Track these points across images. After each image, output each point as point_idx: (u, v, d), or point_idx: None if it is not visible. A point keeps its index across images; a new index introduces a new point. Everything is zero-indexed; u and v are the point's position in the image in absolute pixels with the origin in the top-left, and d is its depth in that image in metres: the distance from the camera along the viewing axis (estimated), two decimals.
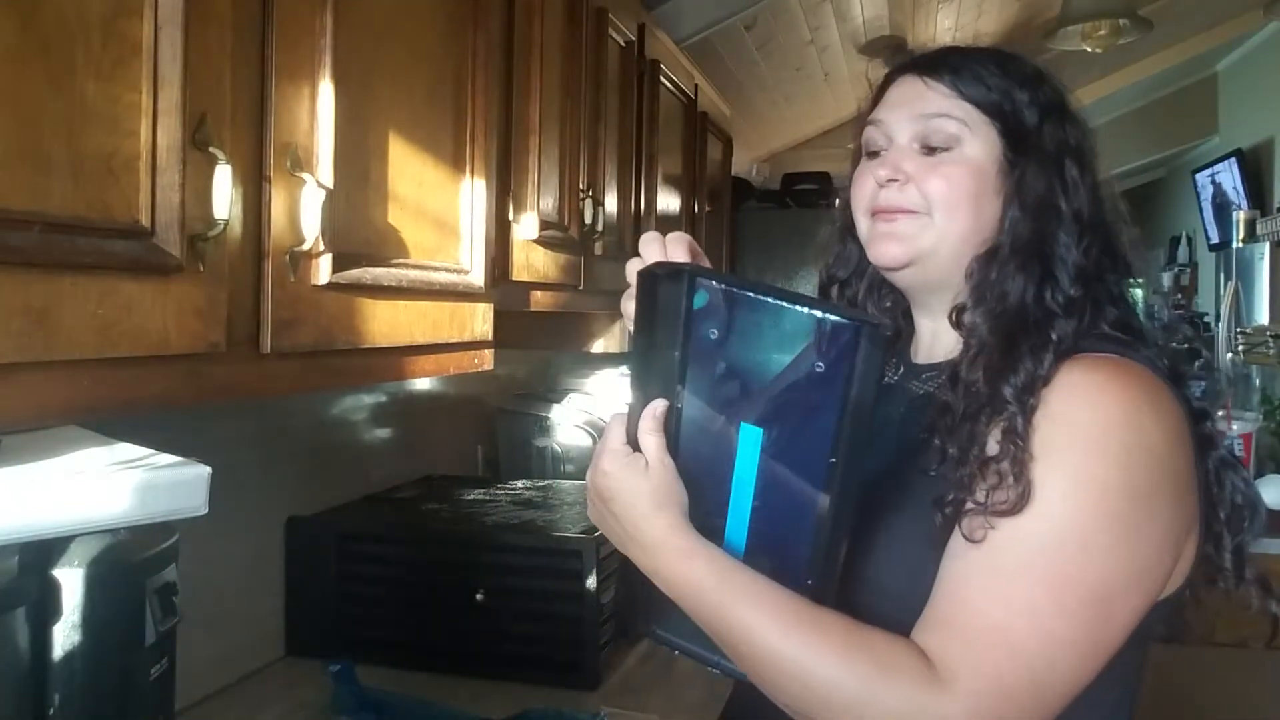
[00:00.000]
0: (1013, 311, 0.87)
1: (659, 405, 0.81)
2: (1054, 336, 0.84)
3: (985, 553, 0.78)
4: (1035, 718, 0.77)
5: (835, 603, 0.80)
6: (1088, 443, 0.79)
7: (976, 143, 0.91)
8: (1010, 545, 0.78)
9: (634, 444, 0.82)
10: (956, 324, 0.91)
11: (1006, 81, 0.92)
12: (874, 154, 0.96)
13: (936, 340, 0.98)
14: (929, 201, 0.91)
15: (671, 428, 0.81)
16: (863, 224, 0.97)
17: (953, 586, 0.80)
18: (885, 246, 0.93)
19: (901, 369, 1.01)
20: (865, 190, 0.95)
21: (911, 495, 0.86)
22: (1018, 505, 0.78)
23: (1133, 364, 0.83)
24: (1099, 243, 0.90)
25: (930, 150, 0.92)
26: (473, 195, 1.30)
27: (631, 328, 0.86)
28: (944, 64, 0.94)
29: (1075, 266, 0.87)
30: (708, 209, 2.87)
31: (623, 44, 2.04)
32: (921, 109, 0.93)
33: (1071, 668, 0.77)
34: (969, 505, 0.79)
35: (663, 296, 0.78)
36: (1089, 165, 0.92)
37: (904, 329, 1.04)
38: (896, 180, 0.92)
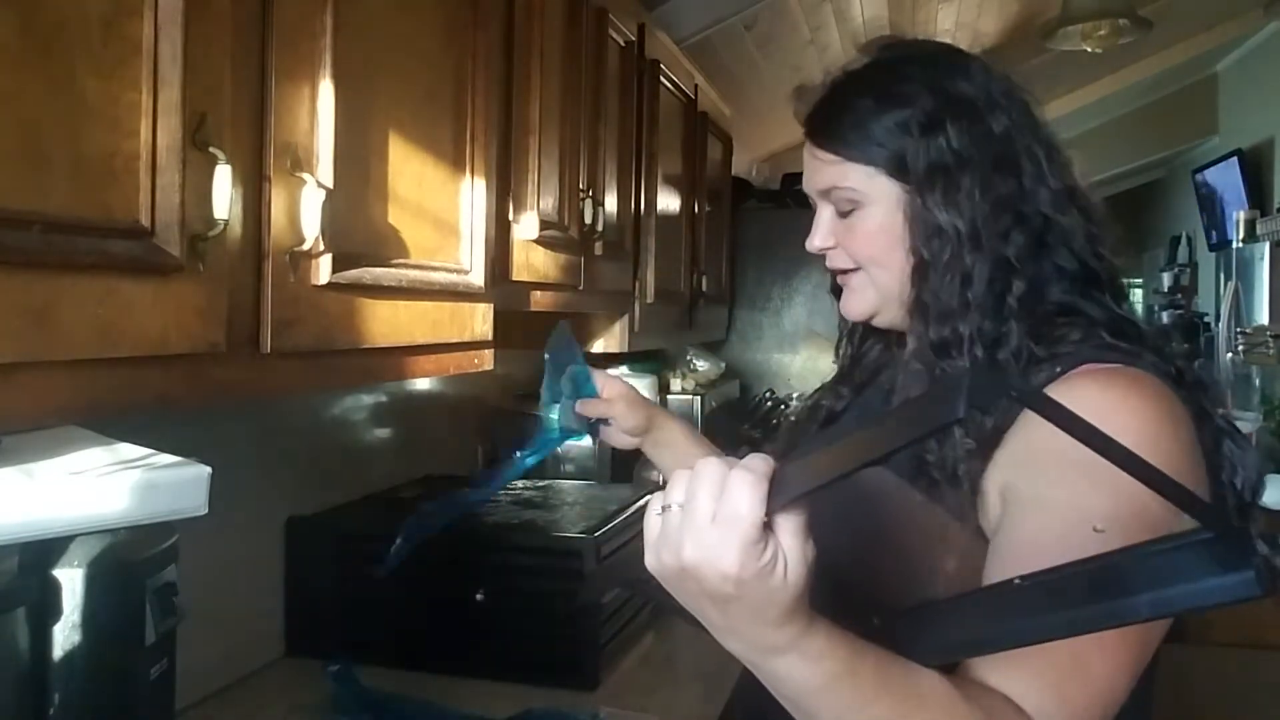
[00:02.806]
0: (932, 345, 0.89)
1: (810, 475, 0.62)
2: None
3: (1036, 565, 0.75)
4: None
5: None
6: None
7: (875, 198, 0.92)
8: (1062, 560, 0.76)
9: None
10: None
11: (890, 120, 0.90)
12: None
13: None
14: (858, 260, 0.95)
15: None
16: None
17: None
18: (846, 303, 0.99)
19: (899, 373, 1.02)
20: (810, 247, 1.00)
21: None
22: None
23: (1140, 374, 0.82)
24: (1042, 256, 0.89)
25: (843, 214, 0.95)
26: (473, 195, 1.30)
27: None
28: (824, 126, 0.94)
29: (962, 303, 0.87)
30: (708, 209, 2.87)
31: (623, 44, 2.04)
32: (818, 184, 0.96)
33: (1128, 687, 0.76)
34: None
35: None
36: (1013, 165, 0.89)
37: (886, 354, 1.06)
38: (829, 248, 0.97)
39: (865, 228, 0.93)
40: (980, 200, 0.88)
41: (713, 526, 0.62)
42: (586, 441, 2.32)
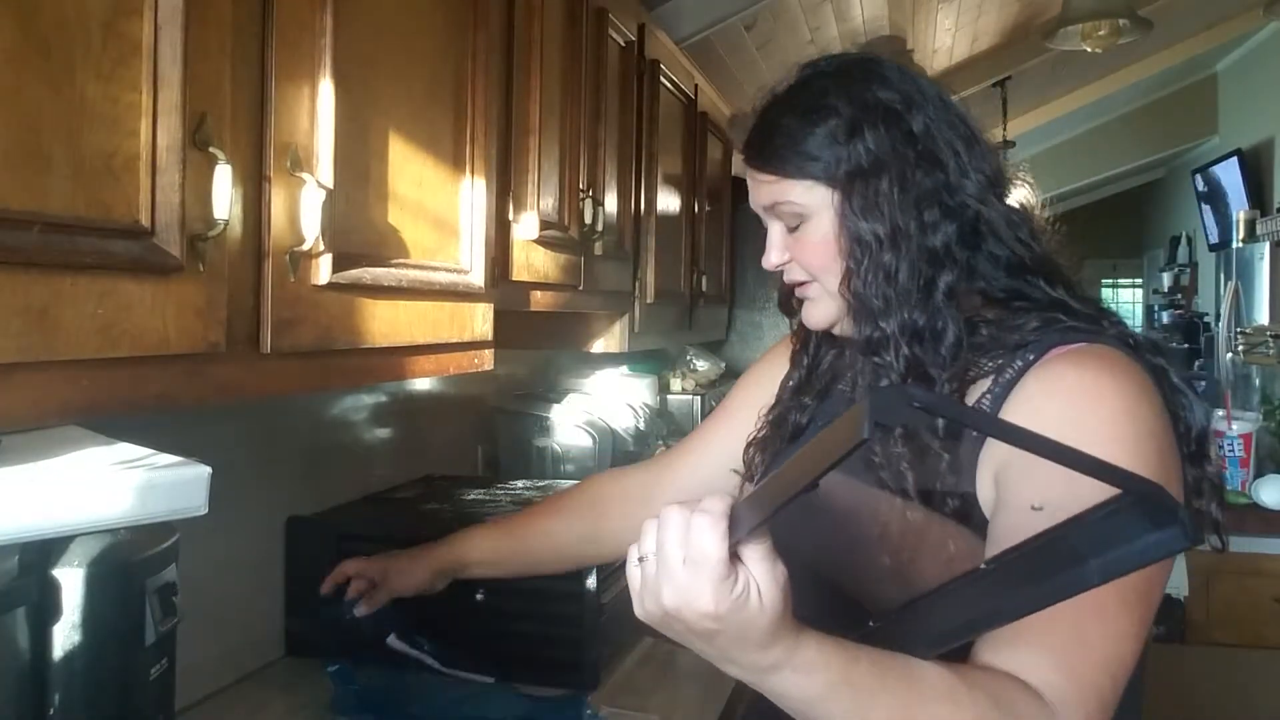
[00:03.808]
0: (861, 345, 0.93)
1: (761, 508, 0.65)
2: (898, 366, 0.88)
3: None
4: (1112, 713, 0.77)
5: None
6: (1109, 438, 0.80)
7: (816, 209, 0.95)
8: None
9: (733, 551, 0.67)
10: None
11: (818, 133, 0.93)
12: None
13: None
14: (811, 272, 0.98)
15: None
16: None
17: None
18: (808, 315, 1.02)
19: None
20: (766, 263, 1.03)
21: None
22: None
23: (1108, 350, 0.86)
24: (973, 245, 0.92)
25: (791, 229, 0.98)
26: (473, 195, 1.30)
27: None
28: (760, 148, 0.98)
29: (886, 299, 0.90)
30: (708, 209, 2.87)
31: (623, 44, 2.04)
32: (762, 201, 0.99)
33: (1135, 654, 0.79)
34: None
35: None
36: (936, 161, 0.92)
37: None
38: (785, 264, 1.00)
39: (811, 239, 0.96)
40: (900, 199, 0.91)
41: (684, 570, 0.66)
42: (587, 441, 2.33)
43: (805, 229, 0.97)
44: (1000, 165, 0.97)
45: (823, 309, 0.99)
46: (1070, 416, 0.82)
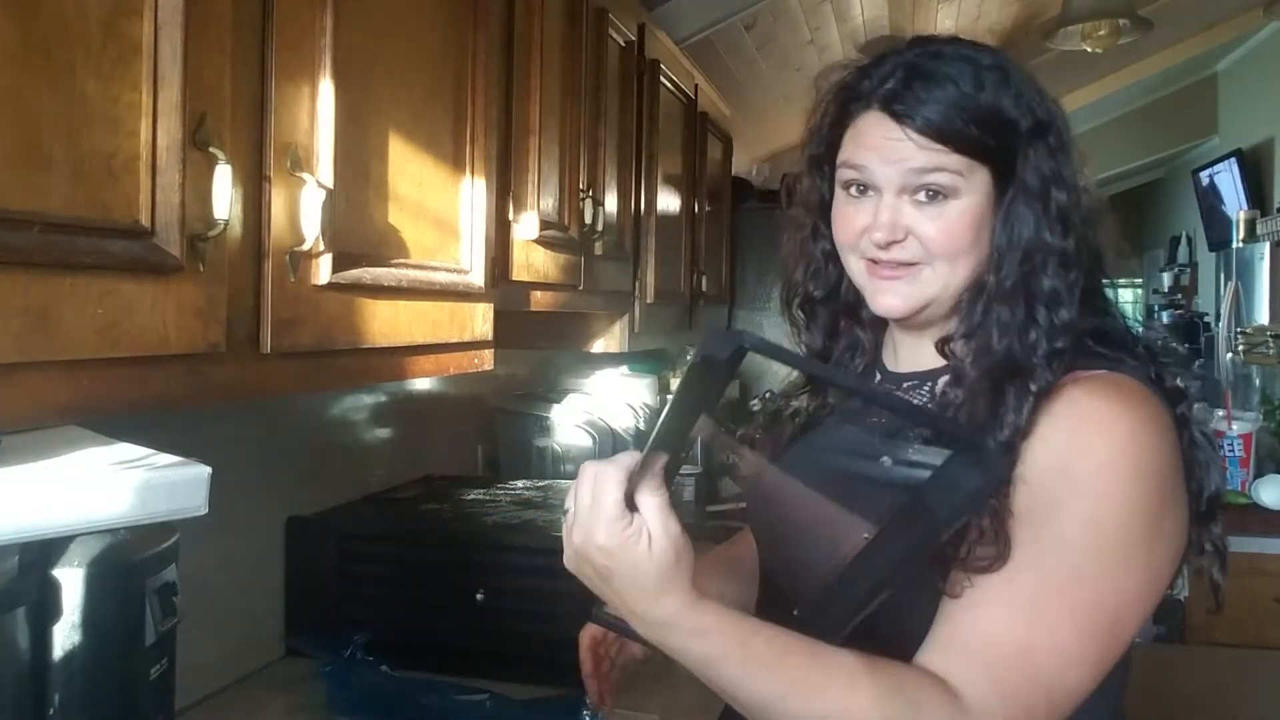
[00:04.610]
0: (1000, 356, 0.86)
1: (657, 459, 0.74)
2: (1034, 388, 0.83)
3: (1004, 577, 0.78)
4: None
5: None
6: (1107, 468, 0.80)
7: (972, 189, 0.87)
8: (1030, 569, 0.78)
9: (630, 502, 0.75)
10: (942, 353, 0.92)
11: (988, 111, 0.87)
12: (859, 187, 0.91)
13: (919, 351, 0.96)
14: (929, 252, 0.88)
15: (668, 480, 0.77)
16: (852, 264, 0.94)
17: (970, 610, 0.79)
18: (888, 300, 0.92)
19: (878, 376, 1.00)
20: (853, 233, 0.92)
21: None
22: (995, 564, 0.78)
23: (1126, 381, 0.84)
24: (1087, 262, 0.89)
25: (923, 198, 0.88)
26: (473, 195, 1.30)
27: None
28: (917, 103, 0.86)
29: (1062, 303, 0.86)
30: (708, 209, 2.87)
31: (623, 44, 2.04)
32: (909, 163, 0.87)
33: (1082, 682, 0.79)
34: (950, 557, 0.79)
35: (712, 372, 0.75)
36: (1072, 180, 0.89)
37: (866, 339, 1.02)
38: (898, 241, 0.89)
39: (958, 218, 0.87)
40: (1067, 204, 0.88)
41: (589, 512, 0.75)
42: (587, 441, 2.33)
43: (948, 205, 0.87)
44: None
45: (919, 292, 0.90)
46: (1077, 442, 0.81)
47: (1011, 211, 0.88)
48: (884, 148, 0.88)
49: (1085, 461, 0.80)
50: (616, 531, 0.74)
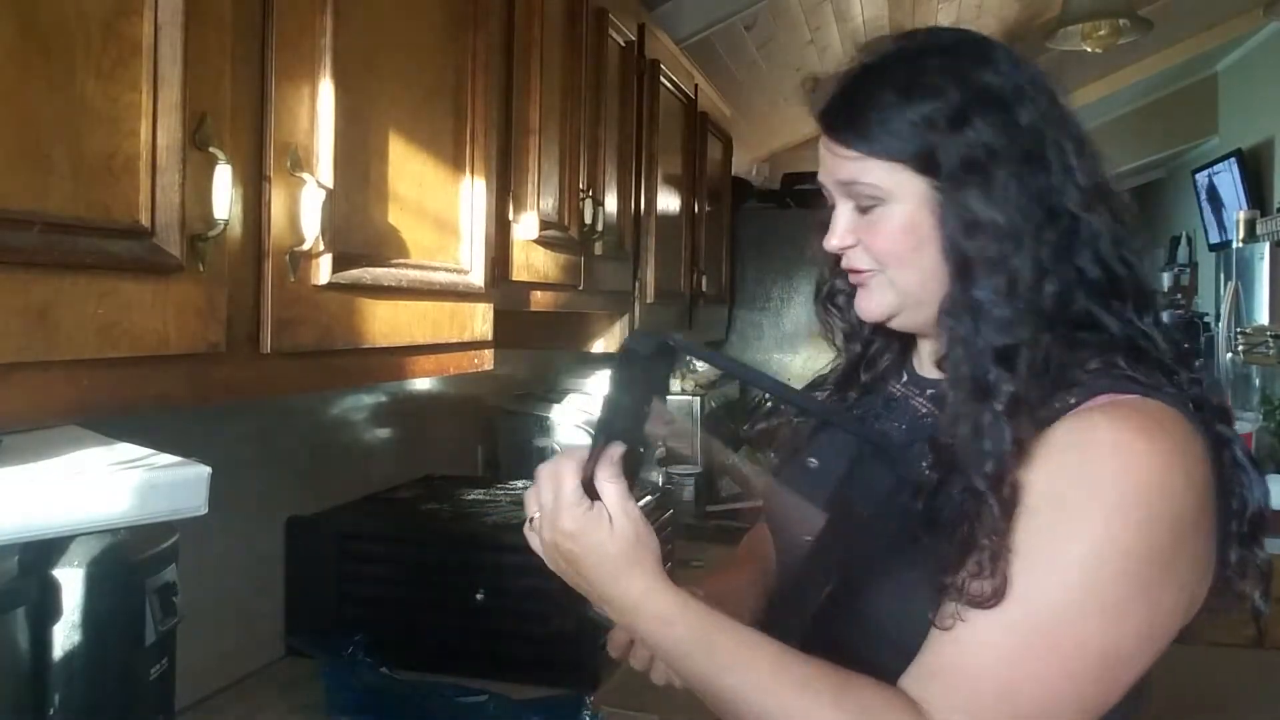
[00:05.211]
0: (965, 376, 0.81)
1: (615, 450, 0.81)
2: (999, 407, 0.78)
3: (997, 609, 0.75)
4: None
5: (820, 636, 0.82)
6: (1115, 508, 0.75)
7: (900, 195, 0.85)
8: (1024, 604, 0.75)
9: (590, 491, 0.81)
10: (940, 368, 0.88)
11: (915, 114, 0.83)
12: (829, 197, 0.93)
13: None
14: (877, 260, 0.89)
15: (630, 472, 0.82)
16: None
17: (957, 643, 0.77)
18: (863, 304, 0.92)
19: (905, 378, 0.98)
20: (826, 242, 0.93)
21: (912, 535, 0.82)
22: (990, 601, 0.75)
23: (1161, 408, 0.78)
24: (1066, 259, 0.82)
25: (863, 210, 0.88)
26: (473, 195, 1.30)
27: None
28: (845, 120, 0.87)
29: (997, 317, 0.80)
30: (708, 209, 2.87)
31: (623, 44, 2.04)
32: (836, 174, 0.89)
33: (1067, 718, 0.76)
34: (946, 586, 0.76)
35: (638, 366, 0.83)
36: (1041, 160, 0.83)
37: (894, 341, 1.00)
38: (849, 247, 0.90)
39: (889, 225, 0.86)
40: (1017, 194, 0.82)
41: (552, 505, 0.81)
42: (587, 442, 2.33)
43: (880, 213, 0.87)
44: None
45: (882, 300, 0.90)
46: (1087, 474, 0.76)
47: (945, 214, 0.84)
48: (822, 160, 0.91)
49: (1092, 499, 0.75)
50: (579, 515, 0.80)
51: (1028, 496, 0.77)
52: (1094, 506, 0.75)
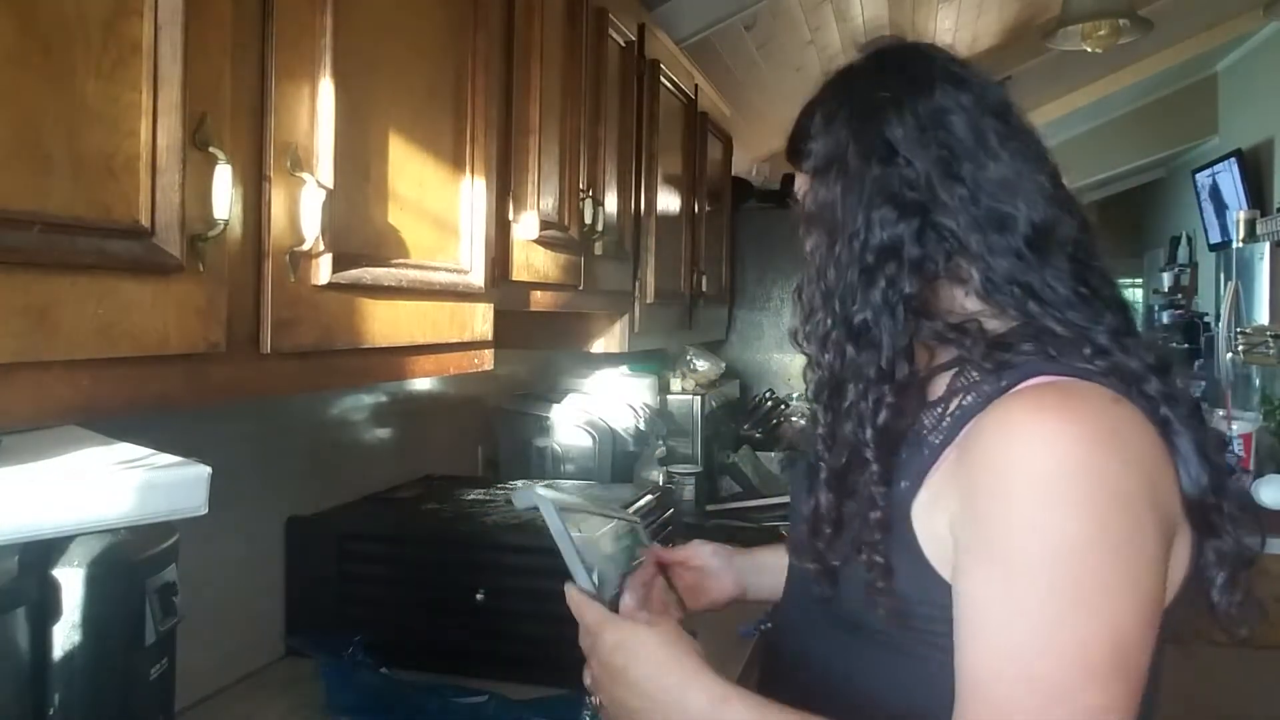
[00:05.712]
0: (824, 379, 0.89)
1: (646, 572, 1.00)
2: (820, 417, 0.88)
3: (985, 643, 0.73)
4: None
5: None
6: (1050, 498, 0.71)
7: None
8: (1010, 629, 0.71)
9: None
10: None
11: (811, 129, 0.93)
12: None
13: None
14: None
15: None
16: None
17: (975, 685, 0.73)
18: None
19: None
20: None
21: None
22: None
23: (1086, 388, 0.76)
24: (892, 242, 0.84)
25: None
26: (473, 195, 1.30)
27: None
28: (795, 149, 0.97)
29: (827, 296, 0.87)
30: (708, 209, 2.87)
31: (623, 44, 2.04)
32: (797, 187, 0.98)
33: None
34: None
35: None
36: (881, 157, 0.86)
37: None
38: None
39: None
40: (844, 195, 0.88)
41: (591, 639, 0.93)
42: (587, 441, 2.33)
43: None
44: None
45: None
46: (1012, 463, 0.72)
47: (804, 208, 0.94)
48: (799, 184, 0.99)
49: (1026, 487, 0.72)
50: (614, 626, 0.90)
51: (953, 501, 0.77)
52: (1029, 496, 0.71)
